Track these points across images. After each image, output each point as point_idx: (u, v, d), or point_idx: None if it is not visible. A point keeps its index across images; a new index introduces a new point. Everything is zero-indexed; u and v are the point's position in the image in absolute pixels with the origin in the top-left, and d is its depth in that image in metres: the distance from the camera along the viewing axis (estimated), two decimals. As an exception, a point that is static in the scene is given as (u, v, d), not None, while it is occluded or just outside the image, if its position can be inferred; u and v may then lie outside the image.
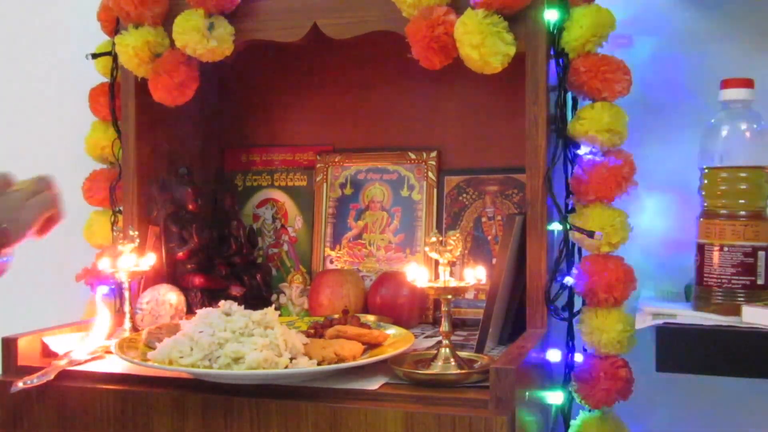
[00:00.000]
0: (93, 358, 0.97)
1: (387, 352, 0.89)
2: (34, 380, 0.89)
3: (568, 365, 1.03)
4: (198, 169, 1.30)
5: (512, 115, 1.13)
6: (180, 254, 1.20)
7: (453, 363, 0.86)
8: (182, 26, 1.06)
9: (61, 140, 1.43)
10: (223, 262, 1.25)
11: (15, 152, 1.47)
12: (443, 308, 0.87)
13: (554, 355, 1.05)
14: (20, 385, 0.88)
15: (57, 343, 0.99)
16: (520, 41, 0.96)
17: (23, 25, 1.52)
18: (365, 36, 1.04)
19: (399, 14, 0.99)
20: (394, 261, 1.25)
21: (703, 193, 0.91)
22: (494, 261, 1.13)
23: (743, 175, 0.88)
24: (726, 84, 0.91)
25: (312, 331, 0.98)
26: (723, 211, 0.89)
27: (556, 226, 1.00)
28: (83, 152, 1.23)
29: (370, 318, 1.09)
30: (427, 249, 0.88)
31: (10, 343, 0.96)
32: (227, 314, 0.90)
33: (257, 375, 0.82)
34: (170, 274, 1.21)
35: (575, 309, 1.01)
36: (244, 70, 1.31)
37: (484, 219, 1.22)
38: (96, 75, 1.22)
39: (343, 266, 1.27)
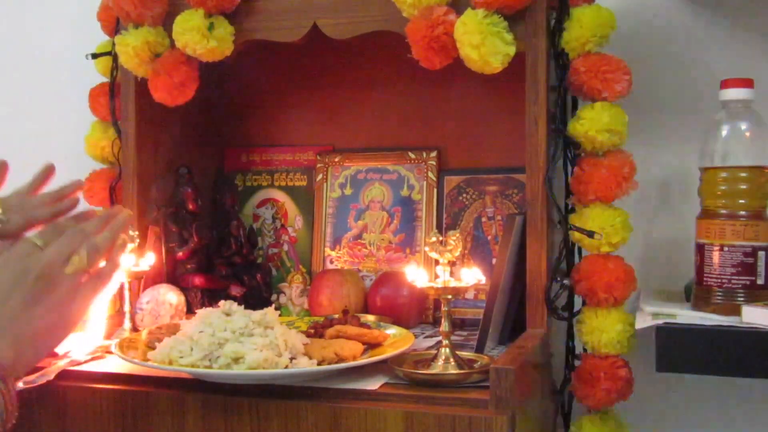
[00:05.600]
0: (93, 358, 0.97)
1: (387, 352, 0.89)
2: (34, 380, 0.89)
3: (568, 365, 1.03)
4: (198, 169, 1.30)
5: (512, 115, 1.13)
6: (180, 254, 1.20)
7: (453, 363, 0.86)
8: (182, 26, 1.06)
9: (61, 140, 1.43)
10: (223, 262, 1.25)
11: (15, 152, 1.47)
12: (443, 308, 0.87)
13: (554, 355, 1.05)
14: (20, 385, 0.88)
15: (57, 343, 0.99)
16: (520, 41, 0.96)
17: (23, 25, 1.52)
18: (365, 36, 1.04)
19: (399, 14, 0.99)
20: (394, 261, 1.25)
21: (703, 193, 0.91)
22: (494, 261, 1.13)
23: (743, 175, 0.88)
24: (726, 84, 0.91)
25: (312, 331, 0.98)
26: (723, 211, 0.89)
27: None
28: (83, 152, 1.23)
29: (370, 318, 1.09)
30: (427, 249, 0.88)
31: (10, 343, 0.96)
32: (227, 314, 0.90)
33: (257, 375, 0.82)
34: (170, 274, 1.21)
35: (575, 309, 1.01)
36: (244, 70, 1.31)
37: (484, 219, 1.22)
38: (96, 75, 1.22)
39: (343, 266, 1.27)
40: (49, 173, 1.01)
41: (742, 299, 0.87)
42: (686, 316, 0.88)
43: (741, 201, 0.88)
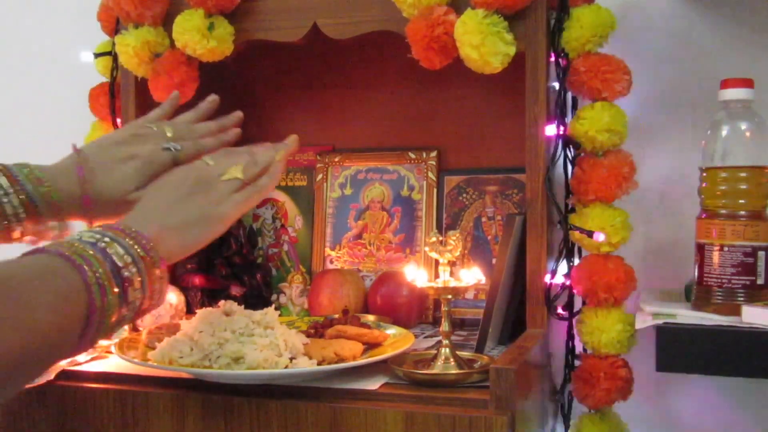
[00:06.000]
0: (93, 358, 0.97)
1: (387, 352, 0.89)
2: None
3: (568, 365, 1.03)
4: (198, 169, 1.30)
5: (512, 115, 1.13)
6: (180, 254, 1.20)
7: (453, 363, 0.86)
8: (182, 26, 1.06)
9: (61, 140, 1.42)
10: (223, 262, 1.25)
11: (14, 152, 1.47)
12: (443, 308, 0.87)
13: (554, 355, 1.05)
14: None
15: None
16: (520, 41, 0.96)
17: (23, 25, 1.52)
18: (365, 36, 1.04)
19: (399, 14, 0.99)
20: (394, 261, 1.25)
21: (703, 193, 0.91)
22: (494, 261, 1.13)
23: (743, 175, 0.88)
24: (726, 84, 0.91)
25: (312, 331, 0.98)
26: (723, 211, 0.89)
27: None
28: (83, 152, 1.23)
29: (370, 318, 1.09)
30: (427, 249, 0.88)
31: (10, 343, 0.96)
32: (227, 314, 0.90)
33: (257, 375, 0.82)
34: (170, 274, 1.21)
35: (575, 309, 1.01)
36: (244, 70, 1.31)
37: (484, 219, 1.22)
38: (96, 75, 1.22)
39: (343, 266, 1.27)
40: (214, 105, 1.00)
41: (742, 299, 0.87)
42: (686, 316, 0.88)
43: (741, 201, 0.88)
